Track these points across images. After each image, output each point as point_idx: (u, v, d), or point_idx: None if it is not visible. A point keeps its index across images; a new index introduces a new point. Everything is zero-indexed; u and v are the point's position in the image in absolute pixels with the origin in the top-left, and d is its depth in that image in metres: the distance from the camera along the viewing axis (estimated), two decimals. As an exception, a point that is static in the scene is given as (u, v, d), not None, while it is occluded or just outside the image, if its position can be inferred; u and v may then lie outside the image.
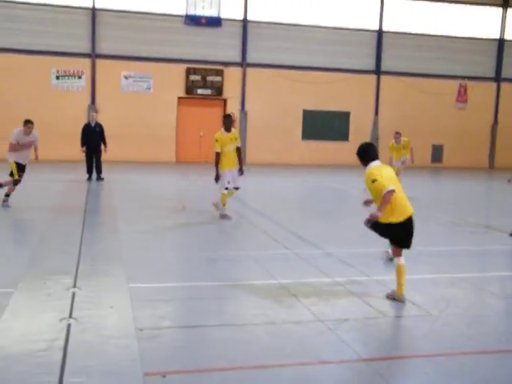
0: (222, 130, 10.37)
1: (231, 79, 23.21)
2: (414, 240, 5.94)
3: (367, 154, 5.94)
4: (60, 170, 18.37)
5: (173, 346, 4.61)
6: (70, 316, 5.01)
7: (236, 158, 10.36)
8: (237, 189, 10.65)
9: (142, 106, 22.33)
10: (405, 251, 5.92)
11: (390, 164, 12.63)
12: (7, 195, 10.95)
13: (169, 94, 22.71)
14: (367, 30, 24.29)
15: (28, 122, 10.87)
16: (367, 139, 24.56)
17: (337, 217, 11.67)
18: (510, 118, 26.02)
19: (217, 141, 10.18)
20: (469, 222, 11.06)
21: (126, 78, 22.32)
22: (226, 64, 23.12)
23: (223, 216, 10.40)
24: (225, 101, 23.50)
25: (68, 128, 21.05)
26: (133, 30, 22.05)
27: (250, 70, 23.36)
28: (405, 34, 24.64)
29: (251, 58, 23.30)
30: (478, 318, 5.51)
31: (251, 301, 5.77)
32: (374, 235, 6.10)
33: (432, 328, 5.16)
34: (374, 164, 5.86)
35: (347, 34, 24.03)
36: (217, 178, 10.30)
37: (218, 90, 23.15)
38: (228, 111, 23.35)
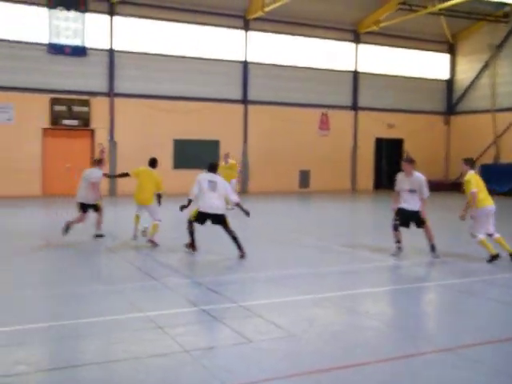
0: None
1: (99, 109, 22.73)
2: (280, 264, 6.15)
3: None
4: None
5: (28, 392, 4.38)
6: None
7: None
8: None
9: (3, 138, 21.13)
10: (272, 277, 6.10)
11: None
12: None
13: (32, 124, 21.71)
14: (233, 61, 25.03)
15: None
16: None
17: (209, 246, 11.75)
18: (366, 143, 27.98)
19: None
20: (333, 243, 11.66)
21: (-17, 108, 21.03)
22: (93, 94, 22.64)
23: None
24: (92, 131, 22.93)
25: None
26: (-10, 58, 20.93)
27: (117, 100, 23.04)
28: (268, 64, 25.69)
29: (118, 87, 23.01)
30: (335, 335, 5.82)
31: (115, 336, 5.64)
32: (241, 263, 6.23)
33: (294, 348, 5.37)
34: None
35: (214, 64, 24.56)
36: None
37: (85, 120, 22.54)
38: (96, 142, 22.82)
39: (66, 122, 22.22)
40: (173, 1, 23.35)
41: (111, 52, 22.78)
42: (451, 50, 30.16)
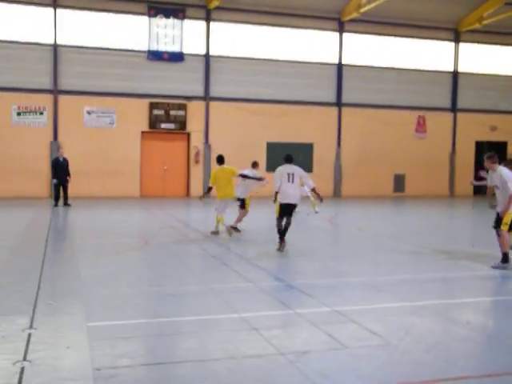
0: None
1: (194, 113, 23.36)
2: (376, 270, 6.00)
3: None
4: (21, 207, 18.07)
5: (130, 386, 4.54)
6: (25, 359, 4.88)
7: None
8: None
9: (106, 141, 22.23)
10: (368, 283, 5.97)
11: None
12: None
13: (132, 128, 22.70)
14: (327, 64, 24.86)
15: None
16: (331, 170, 24.95)
17: (297, 248, 11.70)
18: (465, 147, 26.80)
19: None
20: (431, 250, 11.25)
21: (88, 113, 22.23)
22: (189, 98, 23.29)
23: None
24: (188, 134, 23.60)
25: (29, 165, 20.94)
26: (95, 65, 22.07)
27: (213, 104, 23.57)
28: (363, 66, 25.30)
29: (214, 91, 23.54)
30: (436, 345, 5.58)
31: (212, 335, 5.73)
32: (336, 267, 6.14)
33: (391, 357, 5.20)
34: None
35: (308, 67, 24.54)
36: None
37: (182, 123, 23.25)
38: (192, 144, 23.47)
39: (164, 125, 23.02)
40: (267, 5, 23.57)
41: (207, 57, 23.35)
42: (561, 47, 28.23)
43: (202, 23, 23.28)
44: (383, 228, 15.57)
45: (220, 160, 12.72)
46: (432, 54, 26.31)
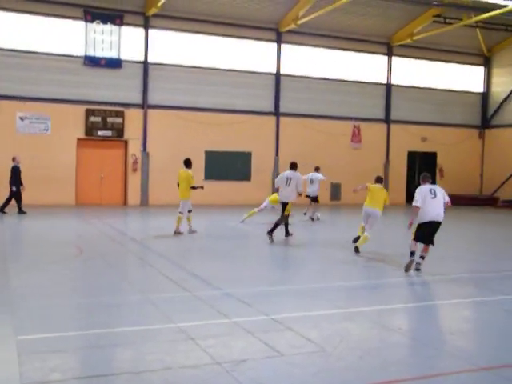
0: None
1: (132, 120, 23.06)
2: (312, 278, 6.10)
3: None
4: None
5: (62, 400, 4.42)
6: (-51, 375, 4.68)
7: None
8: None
9: (39, 148, 21.58)
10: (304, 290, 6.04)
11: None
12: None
13: (68, 135, 22.13)
14: (265, 73, 25.14)
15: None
16: (269, 179, 25.17)
17: (236, 256, 11.75)
18: (398, 156, 27.70)
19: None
20: (364, 257, 11.52)
21: (21, 119, 21.53)
22: (127, 105, 22.99)
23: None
24: (126, 142, 23.26)
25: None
26: (28, 69, 21.40)
27: (151, 112, 23.35)
28: (300, 77, 25.73)
29: (152, 99, 23.33)
30: (369, 351, 5.72)
31: (148, 346, 5.67)
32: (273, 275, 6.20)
33: (326, 364, 5.30)
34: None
35: (247, 76, 24.72)
36: None
37: (119, 131, 22.88)
38: (130, 152, 23.14)
39: (101, 132, 22.59)
40: (206, 14, 23.62)
41: (145, 64, 23.12)
42: (486, 62, 29.74)
43: (141, 30, 23.05)
44: (318, 236, 15.87)
45: (184, 163, 14.42)
46: (367, 67, 27.09)
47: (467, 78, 29.52)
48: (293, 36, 25.23)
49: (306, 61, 25.85)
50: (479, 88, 29.88)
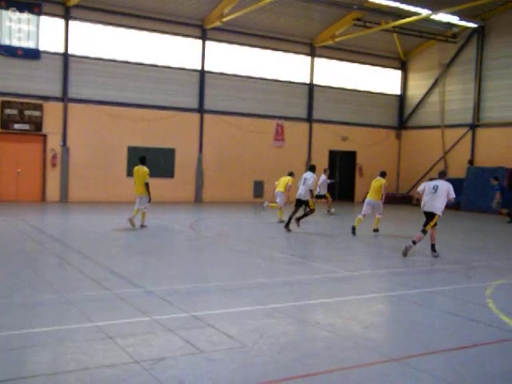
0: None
1: (51, 114, 22.30)
2: (234, 274, 6.15)
3: None
4: None
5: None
6: None
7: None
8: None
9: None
10: (225, 287, 6.09)
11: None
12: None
13: (-19, 128, 21.12)
14: (190, 70, 25.01)
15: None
16: (192, 176, 25.10)
17: (158, 254, 11.67)
18: (320, 155, 28.36)
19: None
20: (286, 254, 11.75)
21: None
22: (46, 98, 22.20)
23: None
24: (45, 136, 22.46)
25: None
26: None
27: (71, 105, 22.67)
28: (225, 74, 25.80)
29: (73, 92, 22.65)
30: (287, 345, 5.86)
31: (65, 347, 5.54)
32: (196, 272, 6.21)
33: (246, 359, 5.39)
34: None
35: (171, 72, 24.52)
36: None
37: (37, 124, 22.07)
38: (48, 147, 22.38)
39: (17, 125, 21.70)
40: (130, 7, 23.20)
41: (66, 56, 22.43)
42: (403, 66, 31.02)
43: (61, 20, 22.31)
44: (240, 233, 16.00)
45: (140, 160, 15.04)
46: (291, 67, 27.55)
47: (385, 80, 30.67)
48: (218, 33, 25.25)
49: (231, 59, 25.95)
50: (397, 90, 31.12)
